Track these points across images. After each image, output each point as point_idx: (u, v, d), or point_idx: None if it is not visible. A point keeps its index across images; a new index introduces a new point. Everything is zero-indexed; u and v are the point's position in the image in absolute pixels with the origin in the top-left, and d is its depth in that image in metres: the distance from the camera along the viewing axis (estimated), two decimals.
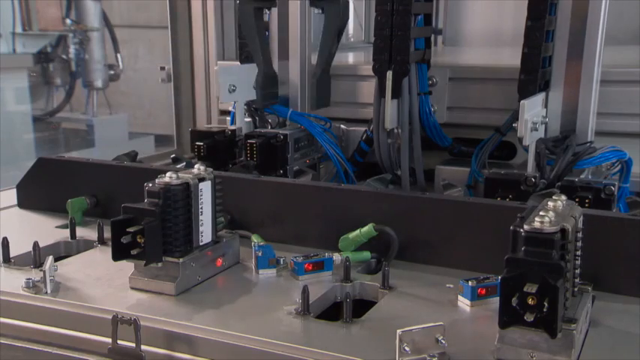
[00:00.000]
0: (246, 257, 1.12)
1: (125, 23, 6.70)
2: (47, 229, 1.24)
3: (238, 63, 1.81)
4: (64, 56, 4.92)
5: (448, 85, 1.73)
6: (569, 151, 1.38)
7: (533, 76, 1.48)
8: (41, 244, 1.09)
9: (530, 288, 0.75)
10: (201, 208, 1.04)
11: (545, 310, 0.74)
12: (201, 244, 1.05)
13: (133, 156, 1.47)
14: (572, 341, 0.77)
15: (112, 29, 5.37)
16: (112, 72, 5.44)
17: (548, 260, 0.76)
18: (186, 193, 1.02)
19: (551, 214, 0.81)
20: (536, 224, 0.80)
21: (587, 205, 1.23)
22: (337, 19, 1.76)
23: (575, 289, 0.85)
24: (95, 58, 5.16)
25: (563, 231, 0.80)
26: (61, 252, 1.16)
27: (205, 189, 1.05)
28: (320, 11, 1.80)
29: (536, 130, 1.38)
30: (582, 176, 1.37)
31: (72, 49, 4.99)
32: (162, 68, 1.98)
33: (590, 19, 1.41)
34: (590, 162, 1.38)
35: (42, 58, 4.73)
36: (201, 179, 1.05)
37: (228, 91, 1.62)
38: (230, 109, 1.77)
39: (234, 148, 1.63)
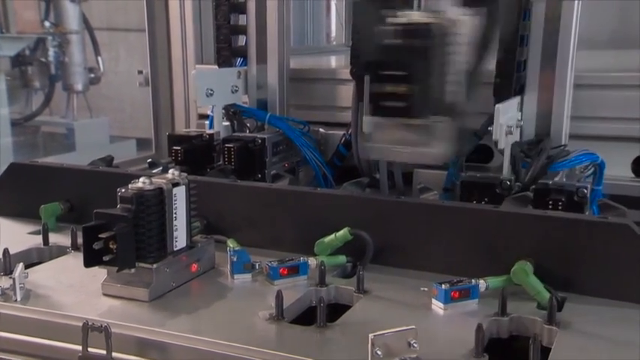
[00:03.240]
0: (221, 262, 1.11)
1: (105, 26, 6.65)
2: (19, 236, 1.22)
3: (216, 67, 1.81)
4: (43, 59, 4.86)
5: None
6: (543, 155, 1.39)
7: (508, 80, 1.50)
8: (13, 251, 1.07)
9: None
10: (176, 214, 1.03)
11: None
12: (175, 249, 1.04)
13: (108, 161, 1.45)
14: None
15: (92, 32, 5.33)
16: (92, 75, 5.40)
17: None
18: (160, 198, 1.01)
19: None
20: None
21: (560, 207, 1.25)
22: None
23: None
24: (75, 61, 5.12)
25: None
26: (34, 259, 1.15)
27: (179, 194, 1.05)
28: None
29: (512, 133, 1.39)
30: (556, 179, 1.38)
31: (51, 52, 4.94)
32: (140, 72, 1.97)
33: (562, 25, 1.43)
34: (563, 165, 1.40)
35: (20, 60, 4.68)
36: (175, 184, 1.04)
37: (205, 95, 1.61)
38: (209, 112, 1.77)
39: (212, 152, 1.62)
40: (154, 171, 1.46)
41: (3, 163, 1.33)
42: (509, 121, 1.40)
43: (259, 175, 1.60)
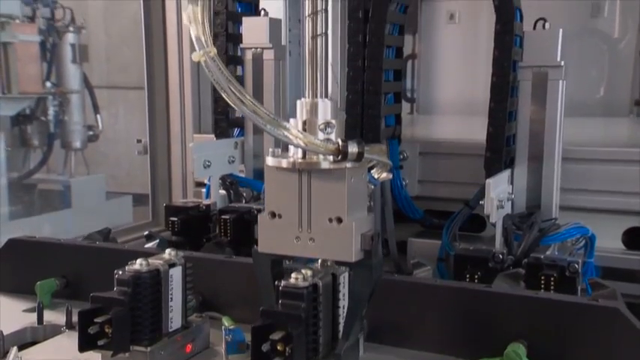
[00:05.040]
0: (216, 341, 1.11)
1: (105, 84, 6.78)
2: (14, 313, 1.22)
3: (214, 137, 1.85)
4: (43, 118, 4.92)
5: (419, 160, 1.79)
6: (534, 228, 1.42)
7: (498, 154, 1.54)
8: (7, 330, 1.07)
9: (276, 335, 0.84)
10: (171, 295, 1.04)
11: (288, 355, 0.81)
12: (170, 330, 1.04)
13: (105, 233, 1.47)
14: None
15: (92, 91, 5.41)
16: (91, 133, 5.45)
17: (293, 311, 0.85)
18: (157, 280, 1.02)
19: (308, 272, 0.88)
20: (292, 280, 0.87)
21: (552, 283, 1.26)
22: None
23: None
24: (74, 119, 5.18)
25: (315, 286, 0.87)
26: (27, 338, 1.14)
27: (176, 275, 1.06)
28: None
29: (503, 207, 1.42)
30: (548, 252, 1.40)
31: (51, 111, 5.01)
32: (139, 141, 2.01)
33: (549, 102, 1.48)
34: (555, 238, 1.42)
35: (20, 120, 4.74)
36: (172, 265, 1.06)
37: (203, 166, 1.64)
38: (205, 181, 1.79)
39: (209, 222, 1.64)
40: (150, 244, 1.48)
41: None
42: (500, 194, 1.43)
43: (255, 246, 1.62)
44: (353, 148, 0.79)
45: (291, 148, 0.85)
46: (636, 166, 1.52)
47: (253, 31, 1.74)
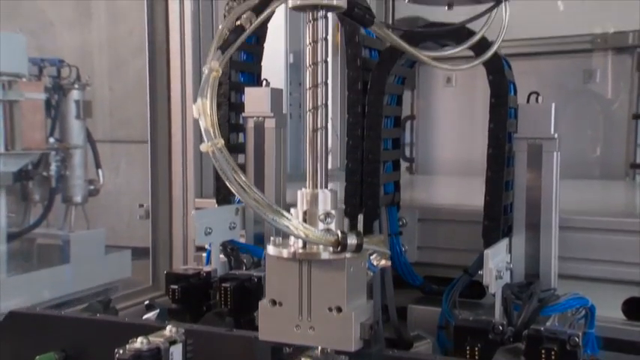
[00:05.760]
0: None
1: (107, 138, 6.88)
2: None
3: (215, 202, 1.87)
4: (45, 173, 4.97)
5: (418, 226, 1.80)
6: (534, 298, 1.42)
7: (495, 222, 1.56)
8: None
9: None
10: None
11: None
12: None
13: (106, 303, 1.47)
14: None
15: (94, 146, 5.48)
16: (92, 187, 5.48)
17: None
18: (157, 358, 1.03)
19: None
20: None
21: (553, 356, 1.26)
22: None
23: None
24: (76, 174, 5.22)
25: None
26: None
27: (176, 352, 1.06)
28: None
29: (501, 277, 1.43)
30: (548, 323, 1.40)
31: (53, 166, 5.05)
32: (141, 205, 2.03)
33: (544, 171, 1.51)
34: (555, 309, 1.42)
35: (22, 176, 4.78)
36: (173, 342, 1.06)
37: (204, 234, 1.66)
38: (206, 247, 1.81)
39: (209, 289, 1.65)
40: (150, 314, 1.48)
41: None
42: (499, 264, 1.44)
43: (255, 314, 1.62)
44: (352, 240, 0.82)
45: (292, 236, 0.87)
46: (635, 236, 1.54)
47: (255, 101, 1.79)
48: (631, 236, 1.55)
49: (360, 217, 1.65)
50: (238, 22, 0.91)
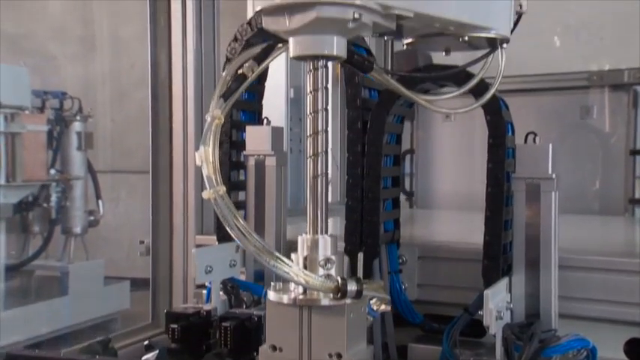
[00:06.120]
0: None
1: (108, 169, 6.91)
2: None
3: (215, 239, 1.87)
4: (45, 204, 4.98)
5: (418, 264, 1.80)
6: (534, 339, 1.41)
7: (495, 262, 1.56)
8: None
9: None
10: None
11: None
12: None
13: (105, 343, 1.47)
14: None
15: (95, 176, 5.50)
16: (92, 218, 5.49)
17: None
18: None
19: None
20: None
21: None
22: None
23: None
24: (76, 205, 5.24)
25: None
26: None
27: None
28: None
29: (502, 318, 1.43)
30: None
31: (53, 197, 5.07)
32: (142, 242, 2.03)
33: (543, 210, 1.52)
34: (556, 350, 1.41)
35: (22, 207, 4.78)
36: None
37: (204, 272, 1.66)
38: (206, 284, 1.80)
39: (209, 328, 1.64)
40: (149, 355, 1.47)
41: None
42: (499, 304, 1.44)
43: (255, 353, 1.60)
44: (352, 287, 0.82)
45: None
46: (636, 276, 1.54)
47: (256, 139, 1.80)
48: (631, 276, 1.55)
49: (360, 256, 1.65)
50: (240, 71, 0.93)
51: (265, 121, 1.85)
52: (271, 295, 0.88)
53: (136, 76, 6.90)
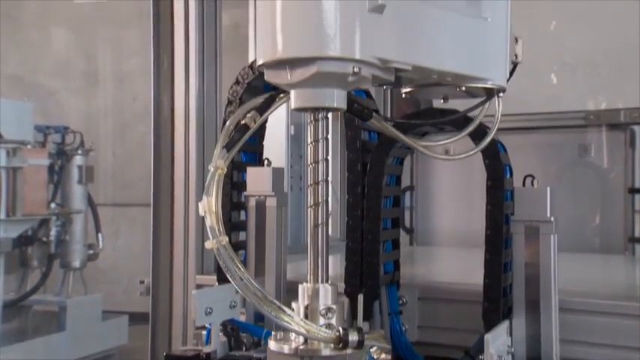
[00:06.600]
0: None
1: (109, 202, 6.92)
2: None
3: (215, 279, 1.87)
4: (44, 239, 4.96)
5: (418, 305, 1.80)
6: None
7: (495, 305, 1.56)
8: None
9: None
10: None
11: None
12: None
13: None
14: None
15: (95, 210, 5.50)
16: (91, 251, 5.47)
17: None
18: None
19: None
20: None
21: None
22: None
23: None
24: (76, 239, 5.22)
25: None
26: None
27: None
28: None
29: None
30: None
31: (53, 231, 5.06)
32: (142, 282, 2.03)
33: (542, 252, 1.53)
34: None
35: (22, 241, 4.77)
36: None
37: (204, 314, 1.65)
38: (206, 325, 1.79)
39: None
40: None
41: None
42: (500, 347, 1.44)
43: None
44: (353, 337, 0.83)
45: None
46: (637, 320, 1.53)
47: (257, 180, 1.82)
48: (632, 320, 1.54)
49: (361, 298, 1.65)
50: (243, 121, 0.95)
51: (266, 162, 1.87)
52: (272, 344, 0.88)
53: (137, 109, 6.97)
